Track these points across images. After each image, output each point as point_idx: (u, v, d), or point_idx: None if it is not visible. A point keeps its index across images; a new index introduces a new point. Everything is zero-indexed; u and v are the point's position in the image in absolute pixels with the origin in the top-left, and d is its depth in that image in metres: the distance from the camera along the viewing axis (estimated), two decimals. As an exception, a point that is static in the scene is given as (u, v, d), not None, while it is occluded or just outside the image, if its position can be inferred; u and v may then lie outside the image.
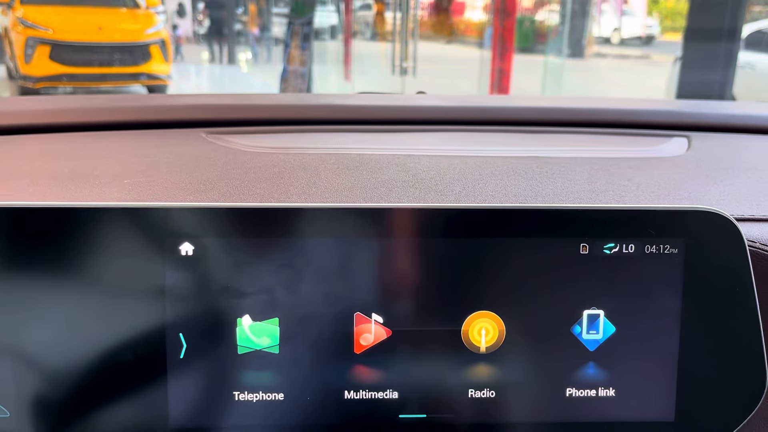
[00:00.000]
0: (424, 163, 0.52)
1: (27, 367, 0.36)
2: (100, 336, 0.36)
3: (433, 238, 0.37)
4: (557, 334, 0.37)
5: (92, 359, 0.36)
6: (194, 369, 0.37)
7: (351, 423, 0.38)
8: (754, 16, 5.70)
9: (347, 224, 0.36)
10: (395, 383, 0.37)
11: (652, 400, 0.38)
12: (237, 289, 0.36)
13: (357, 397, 0.37)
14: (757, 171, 0.52)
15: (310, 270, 0.37)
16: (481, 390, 0.38)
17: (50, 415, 0.37)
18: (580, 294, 0.37)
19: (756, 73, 4.79)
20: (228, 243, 0.36)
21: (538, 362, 0.38)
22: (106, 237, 0.36)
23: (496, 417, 0.38)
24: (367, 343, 0.37)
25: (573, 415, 0.38)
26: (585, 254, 0.37)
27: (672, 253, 0.37)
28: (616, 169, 0.51)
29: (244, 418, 0.37)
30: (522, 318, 0.37)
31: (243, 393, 0.37)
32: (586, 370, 0.38)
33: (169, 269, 0.36)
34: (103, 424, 0.37)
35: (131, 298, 0.36)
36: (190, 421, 0.37)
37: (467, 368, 0.38)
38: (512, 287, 0.37)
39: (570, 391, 0.38)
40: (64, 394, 0.37)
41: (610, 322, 0.37)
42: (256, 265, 0.36)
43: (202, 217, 0.36)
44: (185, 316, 0.36)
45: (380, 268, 0.37)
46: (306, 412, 0.37)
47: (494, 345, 0.37)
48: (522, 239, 0.37)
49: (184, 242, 0.36)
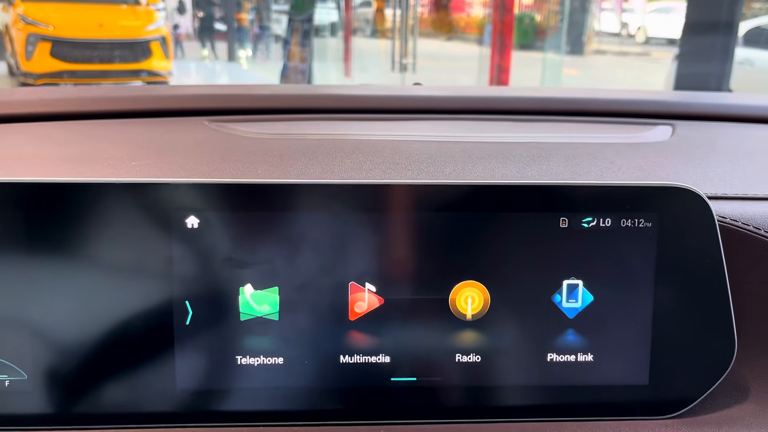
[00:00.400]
0: (417, 147, 0.55)
1: (42, 333, 0.39)
2: (110, 304, 0.39)
3: (423, 213, 0.39)
4: (539, 303, 0.40)
5: (103, 326, 0.39)
6: (199, 335, 0.39)
7: (346, 385, 0.40)
8: (754, 13, 5.71)
9: (342, 199, 0.39)
10: (387, 348, 0.40)
11: (628, 365, 0.41)
12: (239, 259, 0.39)
13: (352, 361, 0.40)
14: (734, 155, 0.55)
15: (307, 242, 0.39)
16: (468, 355, 0.40)
17: (64, 377, 0.39)
18: (560, 265, 0.40)
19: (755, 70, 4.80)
20: (231, 217, 0.39)
21: (521, 329, 0.40)
22: (116, 211, 0.38)
23: (482, 380, 0.40)
24: (361, 311, 0.40)
25: (553, 378, 0.41)
26: (565, 228, 0.40)
27: (646, 227, 0.40)
28: (600, 153, 0.53)
29: (246, 380, 0.40)
30: (506, 287, 0.40)
31: (245, 357, 0.40)
32: (565, 336, 0.40)
33: (175, 241, 0.39)
34: (114, 386, 0.39)
35: (140, 269, 0.39)
36: (195, 383, 0.40)
37: (454, 334, 0.40)
38: (497, 258, 0.40)
39: (551, 356, 0.40)
40: (78, 359, 0.39)
41: (588, 292, 0.40)
42: (257, 238, 0.39)
43: (206, 192, 0.38)
44: (191, 285, 0.39)
45: (373, 240, 0.39)
46: (304, 375, 0.40)
47: (480, 313, 0.40)
48: (506, 213, 0.39)
49: (190, 216, 0.38)
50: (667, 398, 0.41)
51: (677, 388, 0.41)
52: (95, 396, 0.39)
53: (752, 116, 0.71)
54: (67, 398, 0.39)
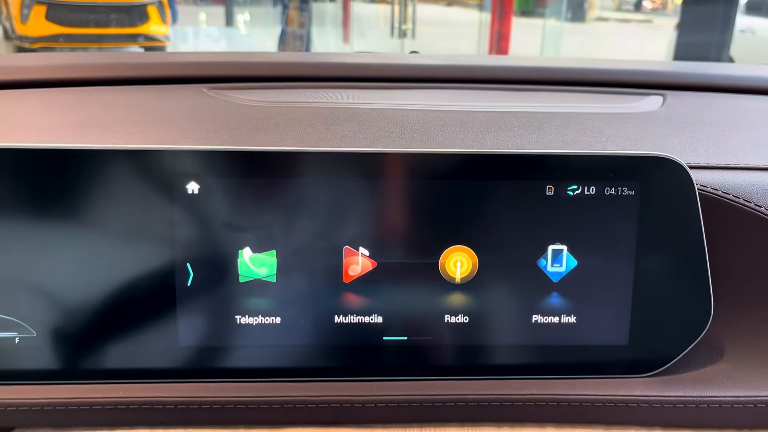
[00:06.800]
0: (411, 116, 0.56)
1: (51, 293, 0.41)
2: (115, 266, 0.41)
3: (414, 180, 0.41)
4: (525, 267, 0.42)
5: (109, 286, 0.41)
6: (200, 295, 0.41)
7: (340, 344, 0.42)
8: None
9: (337, 167, 0.40)
10: (380, 309, 0.42)
11: (609, 326, 0.43)
12: (238, 224, 0.41)
13: (346, 321, 0.42)
14: (721, 126, 0.56)
15: (303, 208, 0.41)
16: (456, 316, 0.42)
17: (72, 335, 0.41)
18: (545, 231, 0.42)
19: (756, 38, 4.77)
20: (230, 182, 0.40)
21: (507, 292, 0.42)
22: (121, 176, 0.40)
23: (470, 340, 0.42)
24: (355, 274, 0.42)
25: (538, 339, 0.43)
26: (551, 195, 0.41)
27: (629, 195, 0.41)
28: (589, 123, 0.55)
29: (245, 339, 0.42)
30: (493, 252, 0.42)
31: (244, 317, 0.42)
32: (550, 299, 0.42)
33: (177, 206, 0.40)
34: (119, 343, 0.41)
35: (143, 232, 0.40)
36: (197, 341, 0.42)
37: (444, 296, 0.42)
38: (485, 224, 0.41)
39: (535, 318, 0.42)
40: (84, 318, 0.41)
41: (572, 256, 0.42)
42: (255, 203, 0.40)
43: (207, 158, 0.40)
44: (192, 248, 0.41)
45: (366, 206, 0.41)
46: (301, 334, 0.42)
47: (468, 276, 0.42)
48: (495, 181, 0.41)
49: (191, 181, 0.40)
50: (645, 358, 0.43)
51: (656, 348, 0.43)
52: (101, 352, 0.41)
53: (743, 87, 0.72)
54: (74, 354, 0.41)
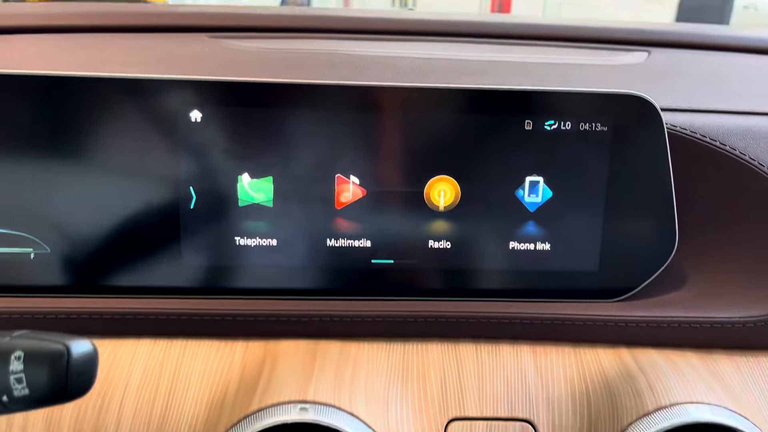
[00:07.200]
0: (405, 63, 0.59)
1: (64, 212, 0.44)
2: (124, 189, 0.44)
3: (403, 113, 0.44)
4: (503, 197, 0.45)
5: (118, 208, 0.44)
6: (202, 217, 0.44)
7: (332, 265, 0.46)
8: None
9: (331, 99, 0.43)
10: (369, 234, 0.45)
11: (580, 254, 0.46)
12: (238, 151, 0.44)
13: (337, 244, 0.45)
14: (699, 77, 0.58)
15: (299, 137, 0.44)
16: (439, 241, 0.45)
17: (83, 251, 0.44)
18: (523, 163, 0.45)
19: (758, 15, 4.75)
20: (231, 112, 0.43)
21: (487, 220, 0.45)
22: (127, 104, 0.43)
23: (451, 264, 0.46)
24: (346, 200, 0.45)
25: (515, 264, 0.46)
26: (529, 130, 0.44)
27: (602, 130, 0.44)
28: (573, 71, 0.57)
29: (244, 259, 0.45)
30: (475, 182, 0.45)
31: (243, 238, 0.45)
32: (526, 227, 0.46)
33: (181, 132, 0.43)
34: (127, 260, 0.45)
35: (150, 157, 0.43)
36: (199, 260, 0.45)
37: (428, 223, 0.45)
38: (467, 156, 0.44)
39: (512, 245, 0.46)
40: (94, 236, 0.44)
41: (548, 188, 0.45)
42: (254, 132, 0.43)
43: (209, 88, 0.43)
44: (194, 173, 0.44)
45: (358, 137, 0.44)
46: (295, 256, 0.45)
47: (451, 205, 0.45)
48: (477, 115, 0.44)
49: (194, 110, 0.43)
50: (614, 284, 0.46)
51: (623, 275, 0.46)
52: (110, 269, 0.45)
53: (729, 45, 0.74)
54: (84, 270, 0.45)
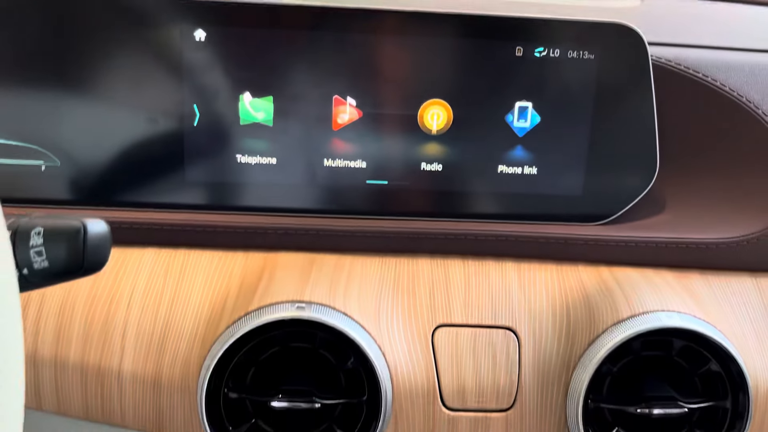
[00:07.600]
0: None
1: (73, 127, 0.46)
2: (130, 104, 0.46)
3: (399, 37, 0.45)
4: (494, 121, 0.47)
5: (124, 123, 0.46)
6: (205, 134, 0.46)
7: (328, 184, 0.48)
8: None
9: (330, 21, 0.45)
10: (364, 155, 0.47)
11: (566, 179, 0.48)
12: (240, 70, 0.45)
13: (334, 164, 0.47)
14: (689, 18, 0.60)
15: (298, 58, 0.45)
16: (432, 164, 0.47)
17: (91, 165, 0.46)
18: (513, 88, 0.46)
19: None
20: (234, 32, 0.45)
21: (477, 143, 0.47)
22: (134, 23, 0.44)
23: (443, 186, 0.48)
24: (343, 122, 0.47)
25: (503, 187, 0.48)
26: (519, 56, 0.46)
27: (589, 58, 0.46)
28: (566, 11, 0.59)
29: (245, 176, 0.47)
30: (467, 106, 0.47)
31: (244, 156, 0.47)
32: (515, 151, 0.48)
33: (185, 51, 0.45)
34: (133, 176, 0.47)
35: (155, 74, 0.45)
36: (202, 176, 0.47)
37: (421, 146, 0.47)
38: (460, 80, 0.46)
39: (501, 168, 0.48)
40: (102, 151, 0.46)
41: (536, 113, 0.47)
42: (255, 51, 0.45)
43: (214, 8, 0.44)
44: (198, 91, 0.46)
45: (355, 60, 0.46)
46: (293, 175, 0.47)
47: (443, 128, 0.47)
48: (470, 40, 0.46)
49: (198, 29, 0.45)
50: (597, 208, 0.49)
51: (606, 200, 0.49)
52: (117, 183, 0.47)
53: None
54: (92, 184, 0.47)
